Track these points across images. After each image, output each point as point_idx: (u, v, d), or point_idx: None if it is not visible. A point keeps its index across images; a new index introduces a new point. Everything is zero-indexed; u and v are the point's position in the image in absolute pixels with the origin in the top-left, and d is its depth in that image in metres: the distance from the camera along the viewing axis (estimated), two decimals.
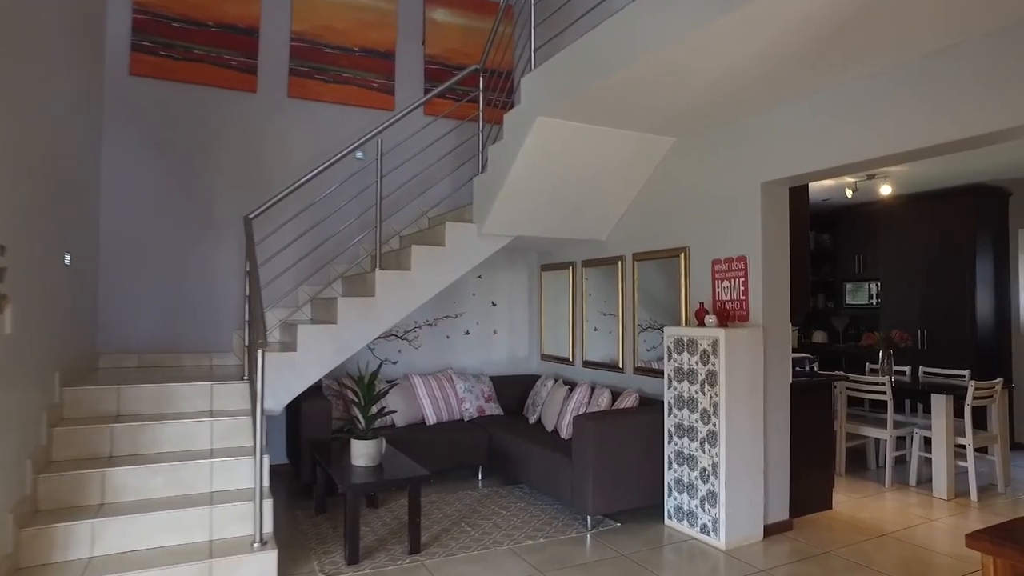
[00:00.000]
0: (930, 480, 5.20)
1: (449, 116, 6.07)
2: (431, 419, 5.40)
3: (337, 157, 4.64)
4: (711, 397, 3.80)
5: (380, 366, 4.09)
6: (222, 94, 5.38)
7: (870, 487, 5.16)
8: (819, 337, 8.06)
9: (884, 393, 5.14)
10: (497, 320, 6.42)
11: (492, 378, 6.09)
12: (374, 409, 4.67)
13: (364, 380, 3.94)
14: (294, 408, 4.84)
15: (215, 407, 4.07)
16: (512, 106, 5.24)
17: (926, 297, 6.81)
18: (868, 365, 6.37)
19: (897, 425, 5.26)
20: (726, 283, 4.20)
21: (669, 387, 4.15)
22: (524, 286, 6.58)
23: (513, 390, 6.11)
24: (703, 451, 3.86)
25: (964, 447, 4.96)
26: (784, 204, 4.11)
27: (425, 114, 6.09)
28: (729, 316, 4.14)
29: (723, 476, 3.73)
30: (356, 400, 3.89)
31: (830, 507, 4.55)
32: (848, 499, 4.81)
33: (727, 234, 4.21)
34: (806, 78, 3.46)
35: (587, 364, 5.70)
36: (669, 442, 4.15)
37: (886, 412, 5.30)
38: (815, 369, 4.94)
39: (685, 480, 4.01)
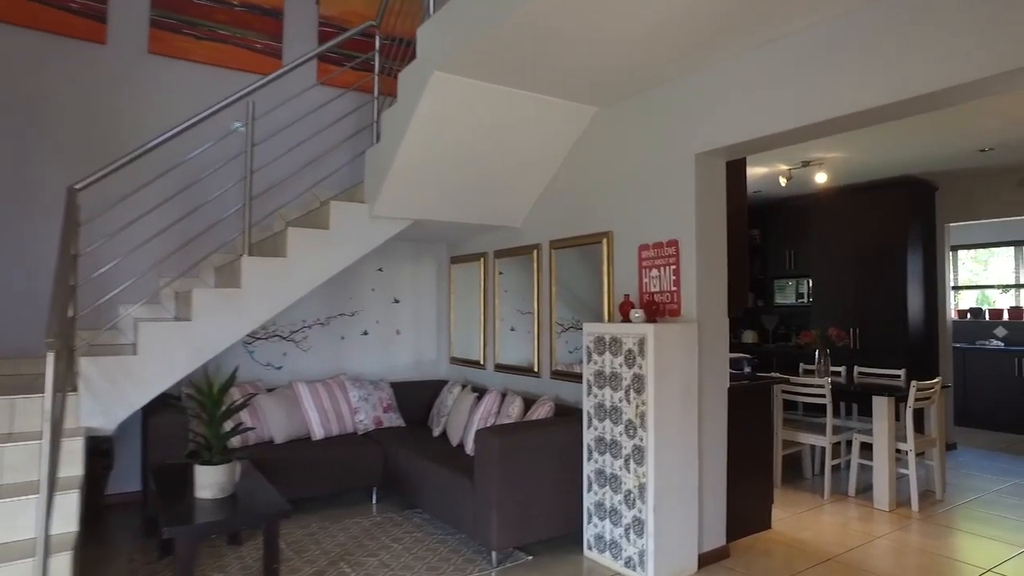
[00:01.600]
0: (869, 488, 4.79)
1: (347, 86, 5.29)
2: (318, 433, 4.60)
3: (192, 121, 3.79)
4: (637, 406, 3.19)
5: (235, 372, 3.29)
6: (60, 43, 4.43)
7: (808, 499, 4.69)
8: (750, 337, 7.68)
9: (823, 396, 4.69)
10: (400, 319, 5.67)
11: (394, 385, 5.34)
12: (227, 426, 3.85)
13: (212, 390, 3.13)
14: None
15: (16, 427, 3.17)
16: None
17: (859, 294, 6.49)
18: (802, 366, 5.96)
19: (836, 430, 4.84)
20: (655, 272, 3.61)
21: (589, 394, 3.52)
22: (432, 281, 5.86)
23: (418, 398, 5.39)
24: (628, 470, 3.25)
25: (905, 452, 4.56)
26: (721, 180, 3.56)
27: (319, 82, 5.29)
28: (658, 310, 3.55)
29: (651, 500, 3.12)
30: (202, 416, 3.10)
31: (769, 526, 4.03)
32: (787, 515, 4.32)
33: (656, 216, 3.63)
34: (746, 31, 2.90)
35: (500, 368, 5.03)
36: (589, 459, 3.52)
37: (823, 416, 4.86)
38: (752, 371, 4.44)
39: (607, 504, 3.38)
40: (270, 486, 3.21)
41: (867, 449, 4.77)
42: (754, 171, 6.05)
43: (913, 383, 4.42)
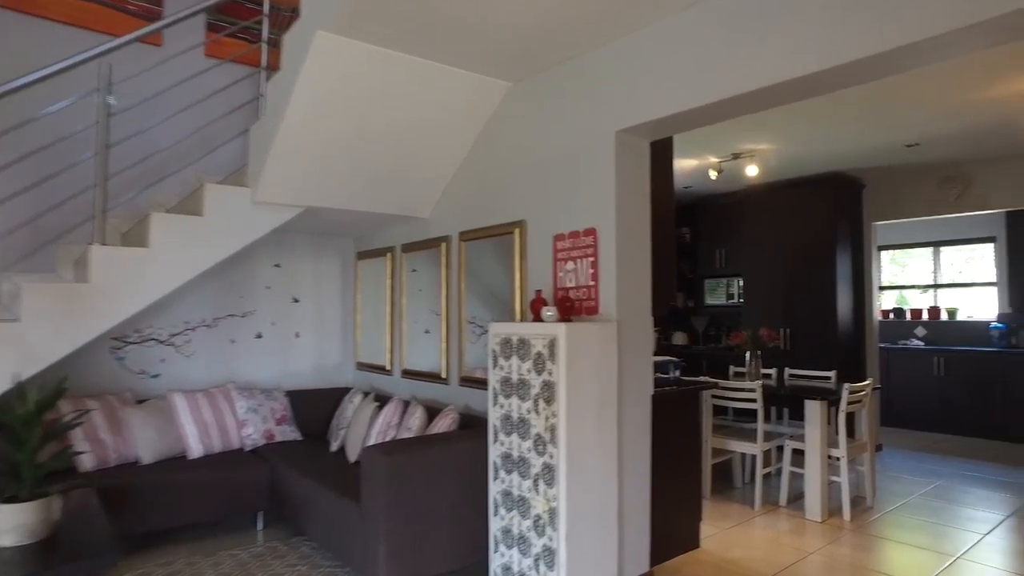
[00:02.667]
0: (801, 496, 4.54)
1: (237, 59, 4.70)
2: (196, 451, 4.01)
3: (22, 82, 3.17)
4: (547, 418, 2.77)
5: (62, 383, 2.70)
6: None
7: (738, 511, 4.39)
8: (680, 338, 7.43)
9: (755, 400, 4.40)
10: (300, 320, 5.11)
11: (291, 393, 4.78)
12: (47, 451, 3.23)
13: (28, 407, 2.52)
14: None
15: None
16: None
17: (789, 294, 6.30)
18: (732, 368, 5.71)
19: (767, 436, 4.56)
20: (571, 265, 3.21)
21: (495, 404, 3.08)
22: (336, 278, 5.32)
23: (319, 408, 4.84)
24: (537, 492, 2.82)
25: (837, 459, 4.31)
26: (644, 163, 3.19)
27: (206, 56, 4.68)
28: (574, 308, 3.14)
29: (563, 527, 2.70)
30: (11, 440, 2.50)
31: (697, 545, 3.69)
32: (716, 531, 3.99)
33: (573, 202, 3.23)
34: None
35: (407, 374, 4.54)
36: (495, 478, 3.08)
37: (754, 420, 4.59)
38: (680, 375, 4.10)
39: (515, 531, 2.95)
40: (105, 523, 2.64)
41: (799, 455, 4.51)
42: (684, 164, 5.77)
43: (846, 386, 4.18)
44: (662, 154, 3.47)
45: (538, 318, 2.97)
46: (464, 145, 3.97)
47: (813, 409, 4.20)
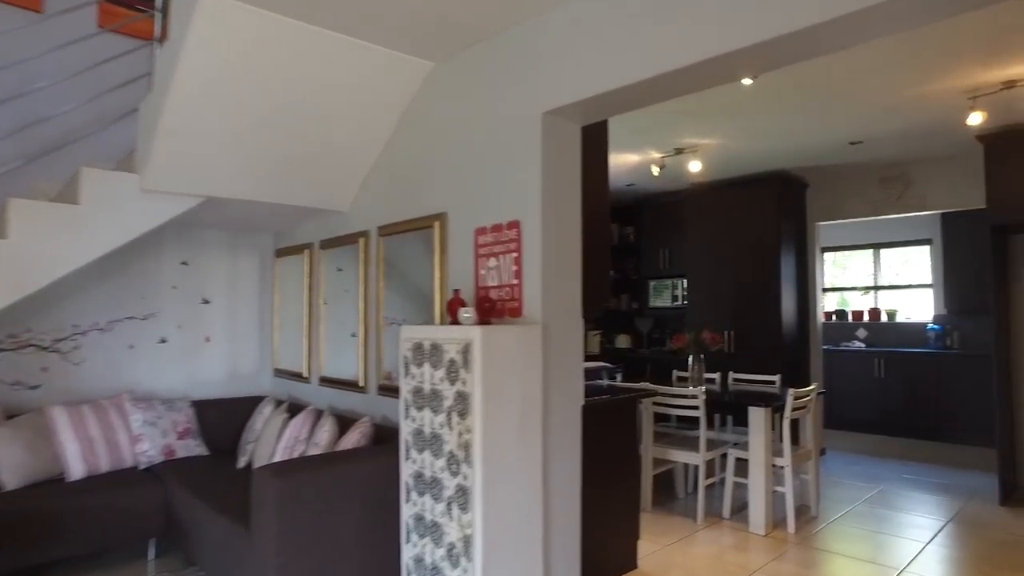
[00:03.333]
0: (745, 507, 4.33)
1: (136, 34, 4.24)
2: (77, 472, 3.54)
3: None
4: (461, 433, 2.44)
5: None
6: None
7: (680, 525, 4.15)
8: (623, 341, 7.21)
9: (697, 408, 4.17)
10: (212, 323, 4.66)
11: (198, 403, 4.33)
12: None
13: None
14: None
15: None
16: None
17: (734, 295, 6.14)
18: (676, 373, 5.49)
19: (710, 445, 4.33)
20: (493, 262, 2.89)
21: (407, 416, 2.74)
22: (254, 277, 4.88)
23: (231, 419, 4.40)
24: (451, 516, 2.49)
25: (782, 468, 4.11)
26: (574, 149, 2.90)
27: (100, 28, 4.20)
28: (494, 309, 2.83)
29: (479, 557, 2.38)
30: None
31: (635, 566, 3.42)
32: (656, 549, 3.74)
33: (497, 192, 2.92)
34: None
35: (325, 382, 4.16)
36: (407, 500, 2.74)
37: (697, 428, 4.36)
38: (617, 381, 3.83)
39: (428, 560, 2.61)
40: None
41: (743, 464, 4.30)
42: (626, 160, 5.54)
43: (790, 392, 3.98)
44: (596, 142, 3.19)
45: (456, 320, 2.64)
46: (383, 132, 3.63)
47: (757, 416, 3.99)
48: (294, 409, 3.94)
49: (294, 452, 3.35)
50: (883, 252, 8.11)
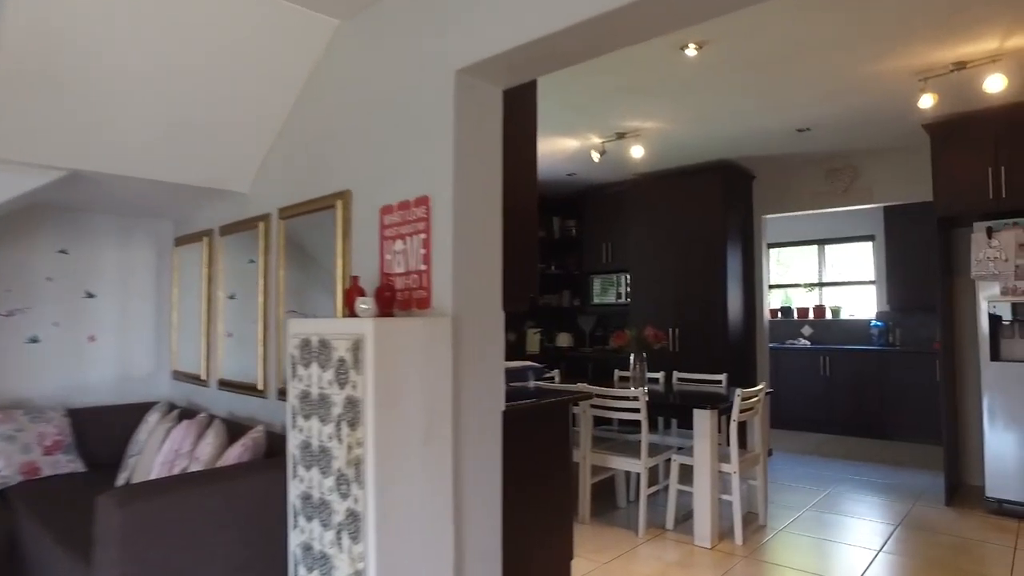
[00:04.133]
0: (690, 516, 4.03)
1: None
2: None
3: None
4: (351, 447, 2.03)
5: None
6: None
7: (620, 538, 3.82)
8: (564, 340, 6.88)
9: (638, 411, 3.84)
10: (97, 320, 4.10)
11: (76, 412, 3.78)
12: None
13: None
14: None
15: None
16: None
17: (678, 291, 5.86)
18: (617, 372, 5.18)
19: (653, 451, 4.01)
20: (400, 245, 2.48)
21: (294, 426, 2.31)
22: (150, 269, 4.34)
23: (118, 429, 3.86)
24: (340, 547, 2.07)
25: (728, 474, 3.82)
26: (494, 113, 2.51)
27: None
28: (398, 299, 2.43)
29: None
30: None
31: None
32: (593, 567, 3.39)
33: (404, 165, 2.51)
34: None
35: (224, 385, 3.67)
36: (294, 527, 2.31)
37: (639, 431, 4.03)
38: (553, 382, 3.47)
39: None
40: None
41: (687, 470, 3.99)
42: (565, 145, 5.19)
43: (738, 392, 3.69)
44: (522, 111, 2.81)
45: (353, 313, 2.23)
46: (285, 100, 3.18)
47: (702, 420, 3.68)
48: (188, 416, 3.44)
49: (174, 468, 2.87)
50: (827, 248, 8.00)
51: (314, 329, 2.21)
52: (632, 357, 4.36)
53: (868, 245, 7.63)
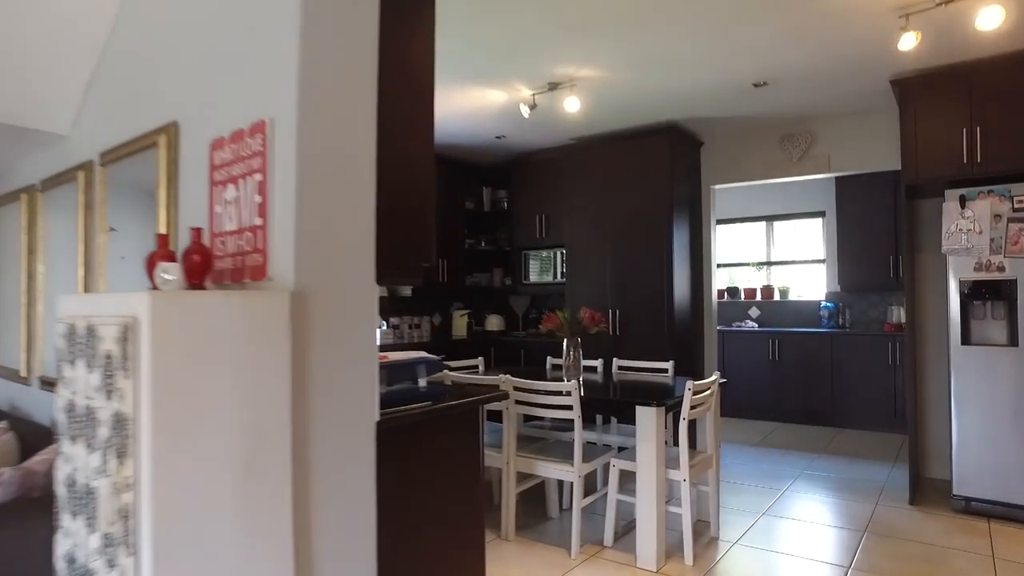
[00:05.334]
0: (632, 529, 3.46)
1: None
2: None
3: None
4: (118, 491, 1.32)
5: None
6: None
7: (550, 559, 3.21)
8: (494, 323, 6.22)
9: (571, 407, 3.22)
10: None
11: None
12: None
13: None
14: None
15: None
16: None
17: (619, 269, 5.28)
18: (550, 360, 4.56)
19: (589, 453, 3.41)
20: (232, 191, 1.76)
21: (61, 454, 1.58)
22: None
23: None
24: None
25: (677, 482, 3.25)
26: (364, 10, 1.81)
27: None
28: (208, 266, 1.72)
29: None
30: None
31: None
32: None
33: (239, 82, 1.78)
34: None
35: (47, 383, 2.87)
36: None
37: (572, 431, 3.42)
38: (476, 372, 2.80)
39: None
40: None
41: (630, 475, 3.40)
42: (491, 101, 4.51)
43: (688, 385, 3.10)
44: (416, 16, 2.11)
45: (154, 286, 1.51)
46: (104, 10, 2.38)
47: (647, 419, 3.09)
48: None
49: None
50: (776, 225, 7.58)
51: (82, 309, 1.48)
52: (565, 343, 3.74)
53: (818, 222, 7.23)
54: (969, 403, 3.82)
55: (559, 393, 3.23)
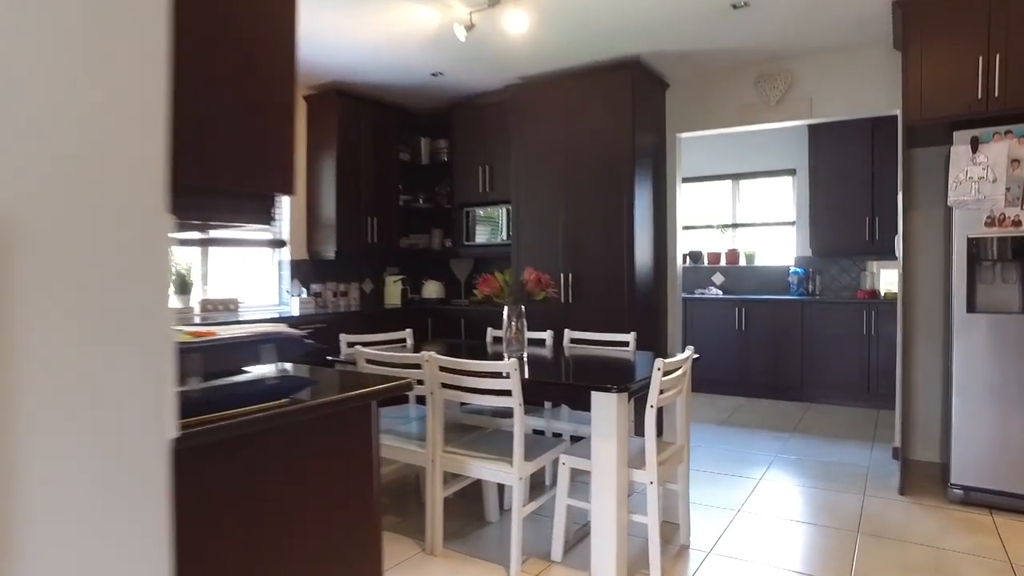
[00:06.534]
0: (586, 537, 2.85)
1: None
2: None
3: None
4: None
5: None
6: None
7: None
8: (433, 290, 5.50)
9: (509, 392, 2.55)
10: None
11: None
12: None
13: None
14: None
15: None
16: None
17: (573, 227, 4.61)
18: (491, 332, 3.89)
19: (533, 450, 2.75)
20: None
21: None
22: None
23: None
24: None
25: (643, 484, 2.63)
26: None
27: None
28: None
29: None
30: None
31: None
32: None
33: None
34: None
35: None
36: None
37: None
38: (404, 346, 2.09)
39: None
40: None
41: (584, 475, 2.76)
42: (422, 24, 3.73)
43: (657, 365, 2.46)
44: None
45: None
46: None
47: (605, 408, 2.44)
48: None
49: None
50: (743, 184, 7.01)
51: None
52: (506, 312, 3.07)
53: (788, 180, 6.69)
54: (974, 379, 3.30)
55: (495, 375, 2.55)
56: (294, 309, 4.72)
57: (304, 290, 5.04)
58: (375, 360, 2.92)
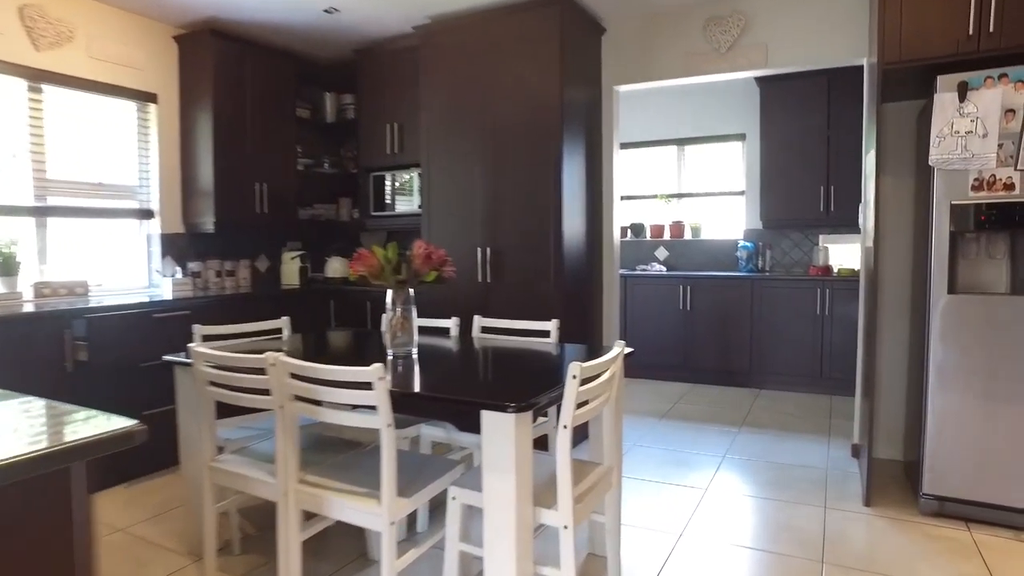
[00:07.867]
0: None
1: None
2: None
3: None
4: None
5: None
6: None
7: None
8: (337, 268, 4.75)
9: (374, 408, 1.88)
10: None
11: None
12: None
13: None
14: None
15: None
16: None
17: (491, 194, 3.93)
18: (384, 318, 3.20)
19: (416, 480, 2.09)
20: None
21: None
22: None
23: None
24: None
25: (554, 528, 2.01)
26: None
27: None
28: None
29: None
30: None
31: None
32: None
33: None
34: None
35: None
36: None
37: (403, 425, 2.09)
38: (279, 336, 1.39)
39: None
40: None
41: (477, 513, 2.12)
42: None
43: (573, 371, 1.81)
44: None
45: None
46: None
47: (498, 432, 1.79)
48: None
49: None
50: (688, 150, 6.43)
51: None
52: (389, 297, 2.39)
53: (738, 146, 6.14)
54: (955, 372, 2.80)
55: (358, 385, 1.87)
56: (166, 292, 3.94)
57: (179, 269, 4.24)
58: (216, 364, 2.21)
